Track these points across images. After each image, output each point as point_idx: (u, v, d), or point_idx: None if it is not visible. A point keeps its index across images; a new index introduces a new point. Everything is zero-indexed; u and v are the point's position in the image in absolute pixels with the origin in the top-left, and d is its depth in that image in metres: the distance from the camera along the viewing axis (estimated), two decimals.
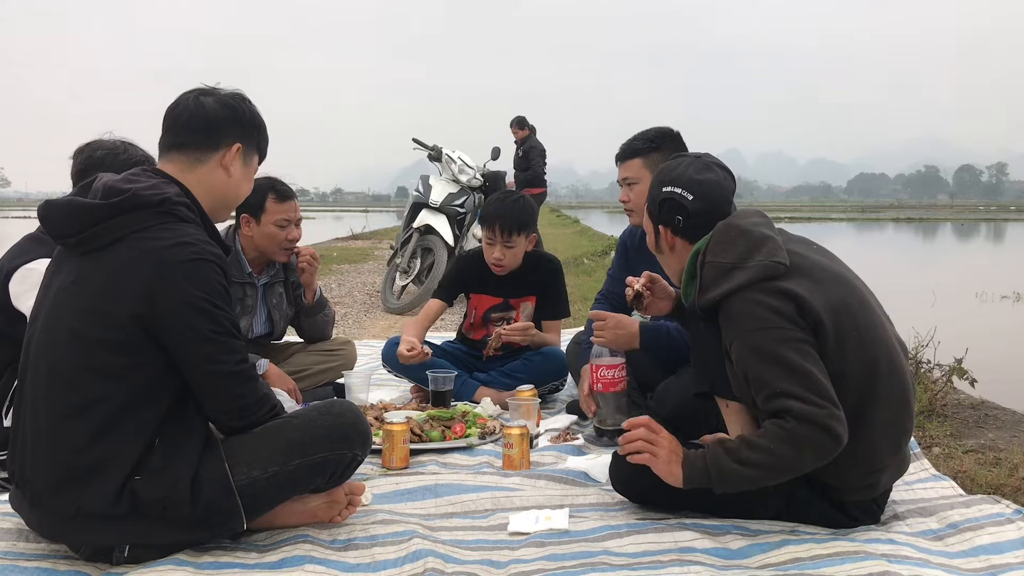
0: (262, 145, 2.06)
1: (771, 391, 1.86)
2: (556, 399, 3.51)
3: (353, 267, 11.07)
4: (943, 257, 19.18)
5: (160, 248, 1.78)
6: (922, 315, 5.14)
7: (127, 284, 1.76)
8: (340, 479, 2.07)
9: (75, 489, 1.76)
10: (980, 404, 3.49)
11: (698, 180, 2.14)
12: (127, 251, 1.78)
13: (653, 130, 2.96)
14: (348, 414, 2.03)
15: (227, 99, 1.98)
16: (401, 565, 1.87)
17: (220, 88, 2.01)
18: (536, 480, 2.44)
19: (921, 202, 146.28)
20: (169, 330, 1.78)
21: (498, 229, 3.35)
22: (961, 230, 31.88)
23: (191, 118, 1.93)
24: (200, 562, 1.86)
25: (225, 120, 1.95)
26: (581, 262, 11.22)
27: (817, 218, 43.80)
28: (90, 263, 1.81)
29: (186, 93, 1.98)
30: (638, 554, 1.92)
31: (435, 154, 7.26)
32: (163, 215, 1.82)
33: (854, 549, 1.88)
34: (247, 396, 1.90)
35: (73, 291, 1.81)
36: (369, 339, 5.22)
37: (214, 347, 1.81)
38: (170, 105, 1.97)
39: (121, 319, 1.76)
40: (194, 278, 1.78)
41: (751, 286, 1.95)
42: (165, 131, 1.96)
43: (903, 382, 2.02)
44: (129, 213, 1.80)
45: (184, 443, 1.84)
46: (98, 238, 1.80)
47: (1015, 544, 1.95)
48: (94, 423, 1.76)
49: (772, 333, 1.89)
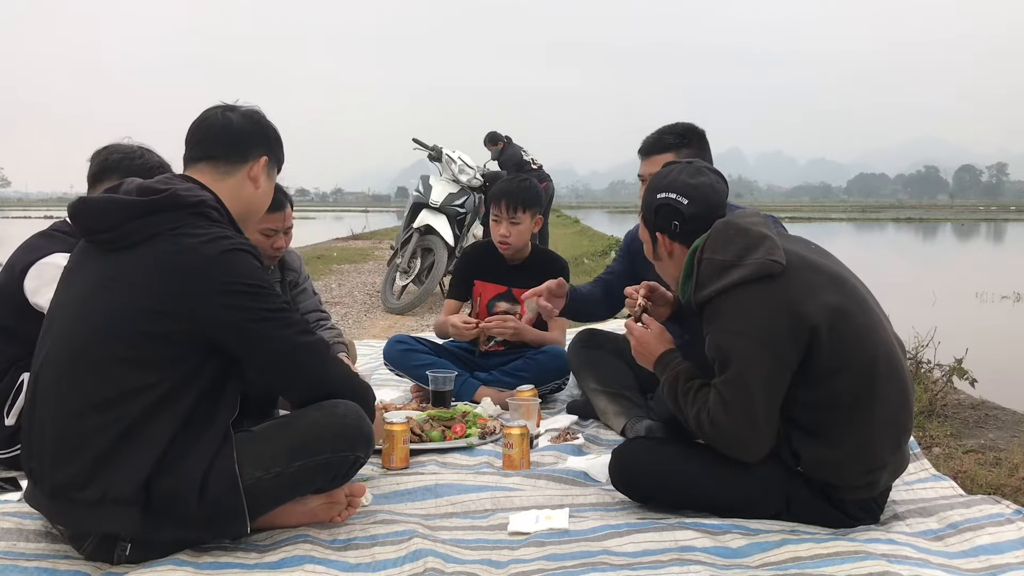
0: (281, 157, 2.16)
1: (717, 380, 2.00)
2: (556, 399, 3.51)
3: (353, 267, 11.08)
4: (943, 257, 19.18)
5: (195, 244, 1.83)
6: (922, 315, 5.14)
7: (166, 279, 1.81)
8: (342, 480, 2.08)
9: (106, 474, 1.78)
10: (980, 404, 3.49)
11: (692, 184, 2.17)
12: (163, 246, 1.82)
13: (682, 125, 2.91)
14: (351, 415, 2.03)
15: (251, 114, 2.09)
16: (401, 565, 1.87)
17: (240, 104, 2.11)
18: (536, 480, 2.44)
19: (921, 202, 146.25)
20: (217, 321, 1.82)
21: (504, 205, 3.46)
22: (961, 230, 31.88)
23: (221, 131, 2.03)
24: (200, 562, 1.86)
25: (252, 134, 2.06)
26: (581, 262, 11.22)
27: (817, 218, 43.80)
28: (125, 258, 1.84)
29: (211, 108, 2.07)
30: (638, 553, 1.92)
31: (435, 154, 7.26)
32: (197, 216, 1.88)
33: (854, 549, 1.88)
34: (333, 370, 1.98)
35: (108, 286, 1.83)
36: (369, 339, 5.23)
37: (271, 325, 1.87)
38: (197, 119, 2.06)
39: (160, 313, 1.79)
40: (234, 266, 1.85)
41: (746, 284, 1.96)
42: (194, 144, 2.04)
43: (902, 381, 2.03)
44: (166, 212, 1.85)
45: (202, 438, 1.85)
46: (134, 234, 1.84)
47: (1015, 544, 1.95)
48: (129, 413, 1.78)
49: (748, 342, 1.94)
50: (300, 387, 1.98)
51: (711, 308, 2.02)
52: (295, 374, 1.95)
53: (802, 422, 2.00)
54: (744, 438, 1.98)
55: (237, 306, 1.83)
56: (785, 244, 2.04)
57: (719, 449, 2.04)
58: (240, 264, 1.86)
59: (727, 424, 1.97)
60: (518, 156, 10.15)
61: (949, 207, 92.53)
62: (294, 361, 1.92)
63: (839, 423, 1.97)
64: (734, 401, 1.96)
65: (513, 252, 3.54)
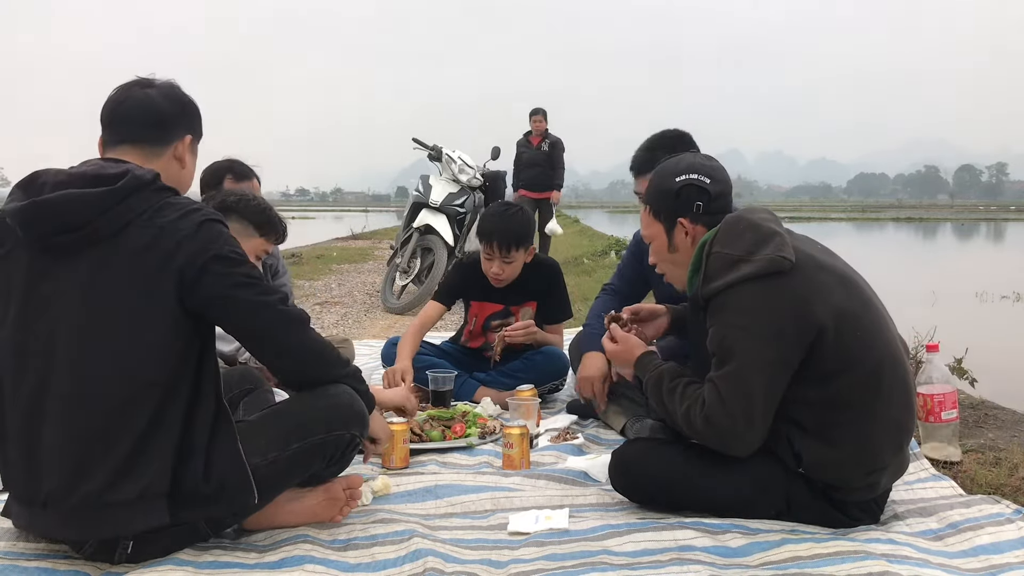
0: (201, 131, 2.08)
1: (714, 374, 1.99)
2: (556, 399, 3.51)
3: (353, 267, 11.07)
4: (943, 257, 19.17)
5: (172, 221, 1.81)
6: (922, 315, 5.13)
7: (150, 265, 1.77)
8: (340, 462, 2.08)
9: (141, 470, 1.76)
10: (980, 404, 3.49)
11: (710, 166, 2.22)
12: (140, 232, 1.78)
13: (668, 137, 2.88)
14: (343, 395, 2.03)
15: (170, 91, 1.99)
16: (401, 565, 1.87)
17: (156, 78, 2.02)
18: (536, 480, 2.44)
19: (921, 202, 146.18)
20: (204, 291, 1.81)
21: (496, 245, 3.32)
22: (961, 230, 31.86)
23: (144, 114, 1.94)
24: (200, 562, 1.86)
25: (175, 114, 1.99)
26: (581, 262, 11.22)
27: (817, 218, 43.76)
28: (105, 251, 1.78)
29: (127, 86, 1.97)
30: (638, 553, 1.92)
31: (435, 154, 7.25)
32: (159, 192, 1.85)
33: (854, 549, 1.88)
34: (309, 340, 1.95)
35: (90, 283, 1.77)
36: (369, 339, 5.23)
37: (254, 291, 1.86)
38: (112, 98, 1.96)
39: (152, 300, 1.78)
40: (213, 236, 1.83)
41: (755, 279, 1.95)
42: (113, 125, 1.95)
43: (905, 382, 2.03)
44: (133, 195, 1.80)
45: (198, 416, 1.85)
46: (109, 225, 1.77)
47: (1015, 544, 1.94)
48: (147, 406, 1.77)
49: (751, 338, 1.93)
50: (287, 357, 1.95)
51: (718, 301, 2.01)
52: (278, 343, 1.92)
53: (804, 422, 2.00)
54: (738, 434, 1.97)
55: (221, 273, 1.82)
56: (794, 242, 2.04)
57: (709, 445, 2.04)
58: (216, 233, 1.85)
59: (722, 419, 1.96)
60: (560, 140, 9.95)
61: (949, 207, 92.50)
62: (275, 327, 1.90)
63: (842, 424, 1.97)
64: (732, 396, 1.94)
65: (507, 284, 3.45)
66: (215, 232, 1.85)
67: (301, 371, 2.00)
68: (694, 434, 2.06)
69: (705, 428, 2.00)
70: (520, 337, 3.39)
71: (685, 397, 2.06)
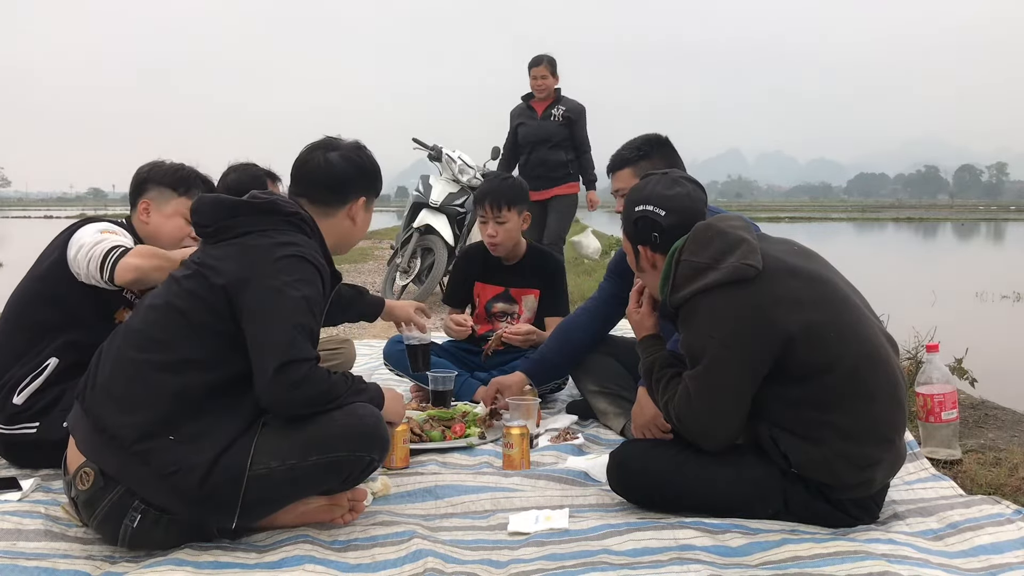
0: (379, 188, 2.30)
1: (687, 373, 2.07)
2: (556, 399, 3.51)
3: (353, 267, 11.07)
4: (943, 257, 19.16)
5: (270, 244, 1.99)
6: (922, 315, 5.13)
7: (233, 264, 1.96)
8: (354, 482, 2.09)
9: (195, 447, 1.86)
10: (980, 404, 3.49)
11: (668, 196, 2.20)
12: (246, 241, 2.01)
13: (640, 138, 2.89)
14: (370, 418, 2.04)
15: (351, 154, 2.22)
16: (401, 565, 1.87)
17: (342, 141, 2.25)
18: (536, 480, 2.44)
19: (921, 202, 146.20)
20: (250, 291, 1.92)
21: (488, 205, 3.44)
22: (961, 230, 31.85)
23: (323, 176, 2.18)
24: (200, 562, 1.86)
25: (352, 177, 2.21)
26: (581, 262, 11.23)
27: (817, 218, 43.78)
28: (219, 249, 2.02)
29: (313, 148, 2.22)
30: (638, 552, 1.92)
31: (435, 154, 7.25)
32: (289, 224, 2.06)
33: (854, 549, 1.88)
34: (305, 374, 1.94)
35: (195, 270, 1.99)
36: (369, 339, 5.22)
37: (286, 303, 1.92)
38: (299, 159, 2.23)
39: (215, 288, 1.93)
40: (286, 267, 1.96)
41: (720, 287, 1.99)
42: (295, 181, 2.22)
43: (891, 377, 2.03)
44: (263, 215, 2.04)
45: (224, 421, 1.90)
46: (230, 229, 2.03)
47: (1015, 544, 1.95)
48: (184, 373, 1.91)
49: (717, 345, 1.99)
50: (269, 382, 1.91)
51: (687, 309, 2.07)
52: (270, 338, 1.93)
53: (787, 423, 2.02)
54: (706, 432, 2.08)
55: (269, 274, 1.94)
56: (765, 247, 2.06)
57: (685, 436, 2.14)
58: (292, 267, 1.96)
59: (691, 416, 2.07)
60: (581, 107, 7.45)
61: (949, 207, 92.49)
62: (274, 343, 1.90)
63: (825, 423, 1.99)
64: (699, 397, 2.04)
65: (504, 252, 3.53)
66: (293, 265, 1.98)
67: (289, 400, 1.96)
68: (672, 424, 2.18)
69: (678, 422, 2.12)
70: (518, 341, 3.42)
71: (667, 389, 2.15)
